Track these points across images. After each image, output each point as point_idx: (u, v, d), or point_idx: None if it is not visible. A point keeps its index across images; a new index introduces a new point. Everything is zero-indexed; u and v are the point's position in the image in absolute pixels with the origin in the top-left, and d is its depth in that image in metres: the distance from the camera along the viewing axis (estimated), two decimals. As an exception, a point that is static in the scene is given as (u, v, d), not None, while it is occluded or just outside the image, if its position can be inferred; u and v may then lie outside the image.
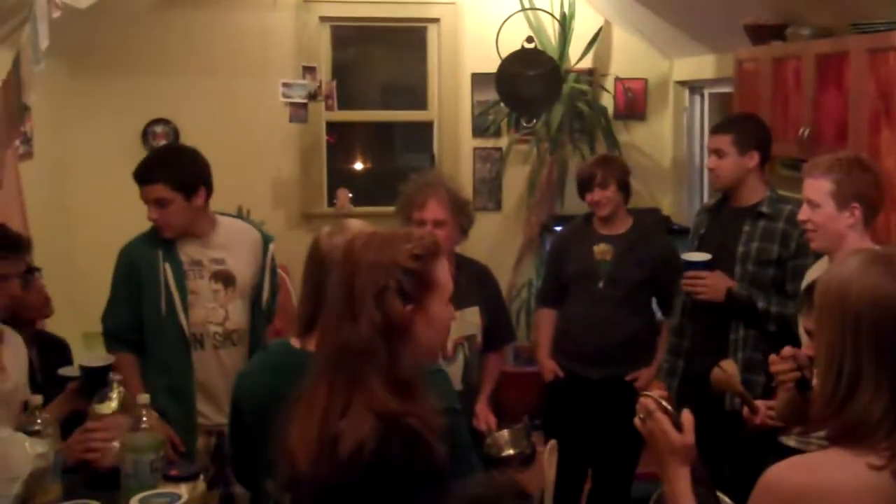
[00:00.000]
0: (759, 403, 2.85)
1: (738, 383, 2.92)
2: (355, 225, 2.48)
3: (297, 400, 1.92)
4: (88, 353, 3.52)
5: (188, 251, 3.42)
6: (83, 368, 2.94)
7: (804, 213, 3.05)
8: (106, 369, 2.90)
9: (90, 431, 2.72)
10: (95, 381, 2.86)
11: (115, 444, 2.67)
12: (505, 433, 3.13)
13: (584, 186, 4.17)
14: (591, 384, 4.12)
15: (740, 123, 3.81)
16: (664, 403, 1.92)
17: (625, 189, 4.17)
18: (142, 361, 3.39)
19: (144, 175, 3.37)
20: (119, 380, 2.77)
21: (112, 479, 2.61)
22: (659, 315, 4.29)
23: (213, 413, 3.34)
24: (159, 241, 3.39)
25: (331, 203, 6.25)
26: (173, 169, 3.38)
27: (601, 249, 4.15)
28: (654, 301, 4.27)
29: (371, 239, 1.98)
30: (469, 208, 3.57)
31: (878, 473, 1.59)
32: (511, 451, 3.08)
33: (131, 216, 3.60)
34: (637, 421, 1.95)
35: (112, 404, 2.77)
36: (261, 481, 2.25)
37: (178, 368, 3.32)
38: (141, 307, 3.37)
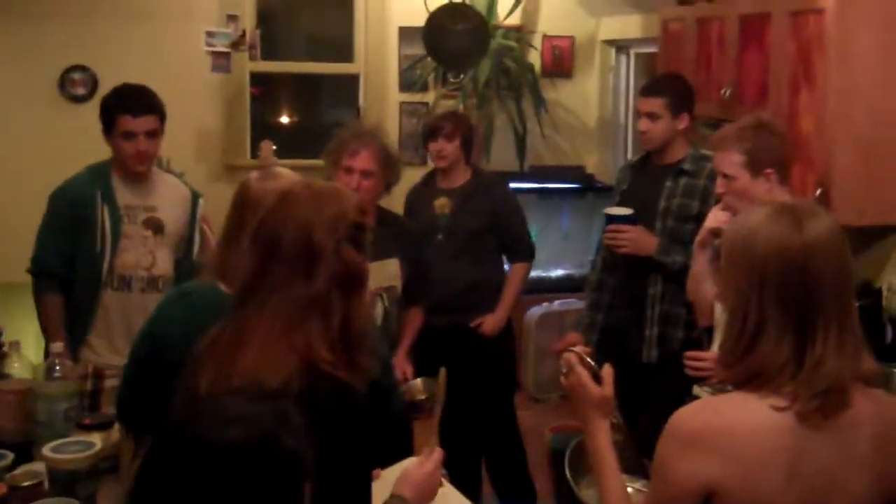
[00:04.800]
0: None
1: None
2: (285, 172, 2.46)
3: (213, 341, 1.89)
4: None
5: (124, 196, 3.43)
6: None
7: (721, 186, 3.06)
8: None
9: None
10: None
11: None
12: (419, 381, 3.43)
13: (430, 136, 4.23)
14: (439, 332, 4.10)
15: (672, 86, 3.82)
16: (586, 358, 1.95)
17: (466, 146, 4.24)
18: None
19: (140, 105, 3.37)
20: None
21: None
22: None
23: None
24: (97, 185, 3.39)
25: (254, 155, 6.15)
26: (158, 101, 3.44)
27: (440, 203, 4.23)
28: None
29: (312, 191, 1.94)
30: (398, 166, 3.57)
31: (781, 414, 1.64)
32: (423, 397, 3.37)
33: (49, 164, 3.52)
34: (561, 377, 1.97)
35: None
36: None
37: (86, 305, 3.32)
38: (76, 246, 3.35)
